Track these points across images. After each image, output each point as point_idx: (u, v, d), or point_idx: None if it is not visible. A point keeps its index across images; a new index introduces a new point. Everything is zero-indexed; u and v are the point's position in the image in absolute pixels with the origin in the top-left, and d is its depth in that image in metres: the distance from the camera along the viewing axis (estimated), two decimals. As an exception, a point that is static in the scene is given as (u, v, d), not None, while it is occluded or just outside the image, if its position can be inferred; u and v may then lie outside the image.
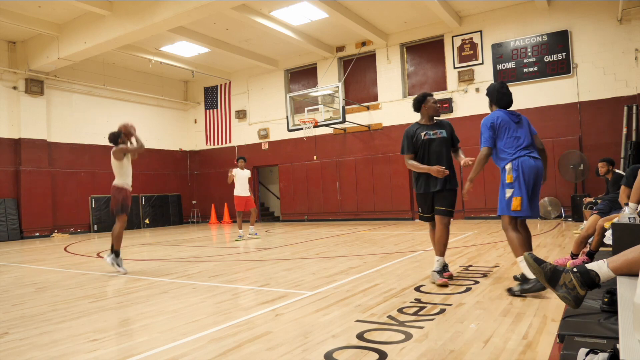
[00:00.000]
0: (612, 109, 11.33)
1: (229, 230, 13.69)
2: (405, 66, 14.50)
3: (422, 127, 4.67)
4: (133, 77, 16.75)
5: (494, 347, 2.59)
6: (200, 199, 18.64)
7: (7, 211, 13.13)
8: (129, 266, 6.68)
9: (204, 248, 8.93)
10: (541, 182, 3.94)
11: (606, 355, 1.64)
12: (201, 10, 10.21)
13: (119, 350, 2.86)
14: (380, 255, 6.49)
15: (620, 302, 1.83)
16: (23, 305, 4.33)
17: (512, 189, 3.84)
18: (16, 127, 13.56)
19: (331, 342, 2.79)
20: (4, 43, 13.43)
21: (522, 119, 4.10)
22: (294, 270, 5.59)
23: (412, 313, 3.38)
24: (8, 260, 8.28)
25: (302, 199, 16.12)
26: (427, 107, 4.68)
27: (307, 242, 8.97)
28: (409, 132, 4.69)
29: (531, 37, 12.31)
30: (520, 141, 3.92)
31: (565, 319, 2.54)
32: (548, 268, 2.37)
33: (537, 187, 3.90)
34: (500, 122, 3.97)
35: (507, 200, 3.88)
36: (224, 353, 2.70)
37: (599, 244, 4.43)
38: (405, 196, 14.05)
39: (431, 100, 4.71)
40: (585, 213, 7.86)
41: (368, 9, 12.42)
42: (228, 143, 17.96)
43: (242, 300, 4.10)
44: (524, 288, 3.71)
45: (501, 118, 3.99)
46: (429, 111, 4.67)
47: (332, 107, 13.92)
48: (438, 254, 4.47)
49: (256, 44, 14.72)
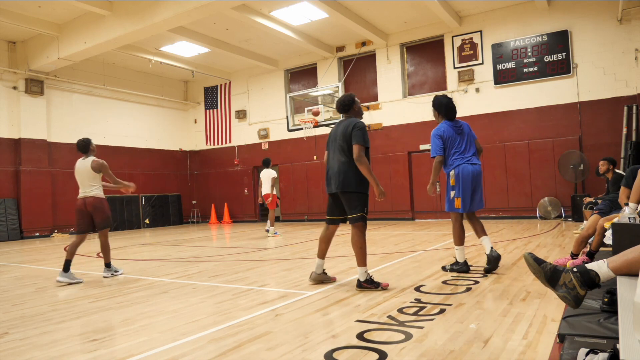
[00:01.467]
0: (612, 109, 11.33)
1: (229, 230, 13.69)
2: (405, 66, 14.50)
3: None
4: (133, 77, 16.75)
5: (494, 347, 2.59)
6: (200, 199, 18.64)
7: (7, 211, 13.13)
8: (129, 266, 6.69)
9: (204, 248, 8.93)
10: (481, 181, 4.87)
11: (606, 355, 1.64)
12: (201, 10, 10.21)
13: (119, 350, 2.86)
14: (380, 255, 6.49)
15: (620, 302, 1.83)
16: (23, 305, 4.33)
17: (454, 190, 4.80)
18: (16, 127, 13.56)
19: (331, 342, 2.79)
20: (4, 43, 13.43)
21: (464, 126, 4.94)
22: (294, 270, 5.59)
23: (412, 313, 3.38)
24: (8, 260, 8.28)
25: (302, 199, 16.12)
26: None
27: (307, 242, 8.97)
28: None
29: (531, 37, 12.31)
30: (461, 150, 4.83)
31: (565, 319, 2.54)
32: (548, 268, 2.37)
33: (478, 187, 4.84)
34: (446, 135, 4.83)
35: (451, 200, 4.85)
36: (224, 353, 2.70)
37: (599, 244, 4.42)
38: (405, 196, 14.04)
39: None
40: (586, 213, 7.85)
41: (368, 9, 12.42)
42: (228, 143, 17.96)
43: (242, 300, 4.10)
44: (454, 268, 4.92)
45: (447, 131, 4.84)
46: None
47: (332, 107, 13.92)
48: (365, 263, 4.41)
49: (256, 44, 14.72)
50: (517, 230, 9.23)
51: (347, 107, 4.54)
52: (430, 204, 13.63)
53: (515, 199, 12.52)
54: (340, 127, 4.43)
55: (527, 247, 6.73)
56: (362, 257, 4.27)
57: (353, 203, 4.29)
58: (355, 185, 4.28)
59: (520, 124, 12.52)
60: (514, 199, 12.54)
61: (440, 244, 7.58)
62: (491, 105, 12.86)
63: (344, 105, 4.54)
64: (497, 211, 12.72)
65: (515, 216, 12.43)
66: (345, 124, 4.39)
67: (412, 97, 14.20)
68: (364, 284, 4.25)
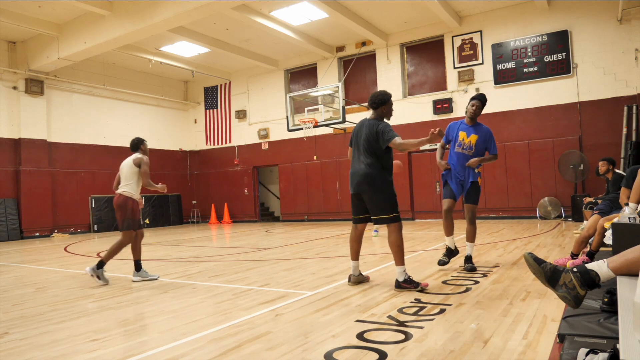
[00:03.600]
0: (612, 109, 11.33)
1: (229, 231, 13.69)
2: (405, 66, 14.50)
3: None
4: (133, 77, 16.74)
5: (494, 347, 2.59)
6: (200, 199, 18.64)
7: (7, 211, 13.13)
8: (129, 266, 6.69)
9: (204, 248, 8.93)
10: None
11: (606, 355, 1.64)
12: (201, 10, 10.21)
13: (119, 350, 2.86)
14: (380, 255, 6.49)
15: (620, 302, 1.83)
16: (23, 305, 4.33)
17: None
18: (16, 127, 13.56)
19: (331, 342, 2.79)
20: (4, 43, 13.43)
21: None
22: (294, 270, 5.59)
23: (412, 313, 3.38)
24: (8, 260, 8.28)
25: (302, 199, 16.12)
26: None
27: (307, 242, 8.97)
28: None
29: (531, 37, 12.31)
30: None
31: (565, 319, 2.54)
32: (548, 268, 2.37)
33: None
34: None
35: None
36: (224, 353, 2.70)
37: (599, 244, 4.42)
38: (406, 196, 14.04)
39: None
40: (586, 213, 7.86)
41: (368, 9, 12.42)
42: (228, 143, 17.96)
43: (242, 300, 4.10)
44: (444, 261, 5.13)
45: None
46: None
47: (332, 107, 13.92)
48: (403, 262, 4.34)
49: (256, 44, 14.72)
50: (517, 230, 9.23)
51: (377, 104, 4.33)
52: (431, 204, 13.63)
53: (515, 199, 12.52)
54: (365, 128, 4.30)
55: (527, 247, 6.73)
56: (400, 257, 4.18)
57: (381, 204, 4.17)
58: (381, 187, 4.15)
59: (520, 124, 12.52)
60: (514, 199, 12.54)
61: (440, 244, 7.57)
62: (491, 105, 12.79)
63: (376, 101, 4.33)
64: (497, 211, 12.72)
65: (515, 216, 12.43)
66: (370, 124, 4.27)
67: (412, 97, 14.19)
68: (402, 284, 4.13)
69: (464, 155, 5.06)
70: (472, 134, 5.07)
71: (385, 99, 4.32)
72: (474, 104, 5.09)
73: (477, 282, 4.40)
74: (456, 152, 5.11)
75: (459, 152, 5.08)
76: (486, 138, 5.10)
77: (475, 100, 5.11)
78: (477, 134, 5.06)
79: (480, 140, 5.05)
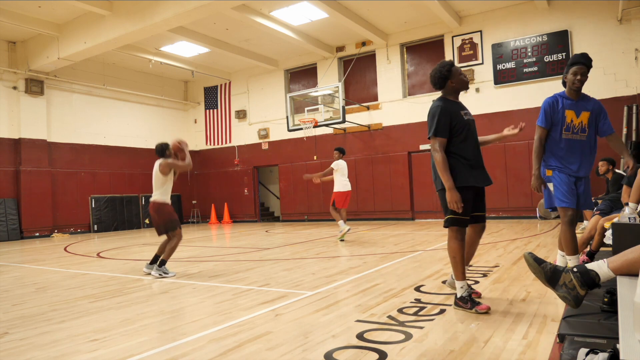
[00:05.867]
0: (612, 109, 11.30)
1: (229, 231, 13.68)
2: (405, 66, 14.50)
3: (455, 105, 3.54)
4: (133, 77, 16.74)
5: (494, 347, 2.59)
6: (200, 199, 18.63)
7: (7, 211, 13.13)
8: (129, 266, 6.69)
9: (204, 248, 8.93)
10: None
11: (606, 355, 1.64)
12: (201, 10, 10.21)
13: (119, 350, 2.86)
14: (380, 255, 6.49)
15: (620, 302, 1.83)
16: (23, 305, 4.33)
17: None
18: (16, 127, 13.56)
19: (331, 342, 2.79)
20: (4, 43, 13.42)
21: None
22: (294, 270, 5.59)
23: (412, 313, 3.38)
24: (8, 260, 8.28)
25: (302, 199, 16.11)
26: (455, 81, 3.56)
27: (307, 242, 8.97)
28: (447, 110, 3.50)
29: (531, 37, 12.30)
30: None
31: (565, 319, 2.54)
32: (548, 268, 2.37)
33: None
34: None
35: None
36: (224, 353, 2.70)
37: (600, 244, 4.43)
38: (405, 196, 14.04)
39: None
40: (586, 213, 7.86)
41: (368, 9, 12.42)
42: (228, 143, 17.96)
43: (242, 300, 4.10)
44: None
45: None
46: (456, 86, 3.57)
47: (332, 107, 13.92)
48: (462, 276, 3.45)
49: (256, 44, 14.72)
50: (517, 230, 9.23)
51: (437, 83, 3.52)
52: (430, 204, 13.62)
53: (515, 199, 12.52)
54: (470, 114, 3.60)
55: (527, 247, 6.73)
56: (455, 269, 3.43)
57: (442, 203, 3.49)
58: (440, 183, 3.44)
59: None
60: (514, 199, 12.54)
61: (440, 244, 7.57)
62: (491, 105, 12.86)
63: (433, 79, 3.53)
64: (497, 211, 12.71)
65: (515, 216, 12.42)
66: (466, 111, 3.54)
67: (412, 97, 14.19)
68: (458, 301, 3.40)
69: (579, 142, 3.78)
70: (583, 111, 3.76)
71: (439, 73, 3.48)
72: (576, 71, 3.70)
73: (477, 282, 4.40)
74: (565, 138, 3.82)
75: (569, 139, 3.81)
76: (598, 114, 3.79)
77: (579, 65, 3.72)
78: (588, 110, 3.77)
79: (592, 118, 3.78)
